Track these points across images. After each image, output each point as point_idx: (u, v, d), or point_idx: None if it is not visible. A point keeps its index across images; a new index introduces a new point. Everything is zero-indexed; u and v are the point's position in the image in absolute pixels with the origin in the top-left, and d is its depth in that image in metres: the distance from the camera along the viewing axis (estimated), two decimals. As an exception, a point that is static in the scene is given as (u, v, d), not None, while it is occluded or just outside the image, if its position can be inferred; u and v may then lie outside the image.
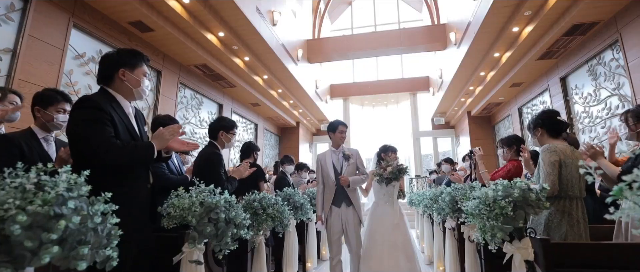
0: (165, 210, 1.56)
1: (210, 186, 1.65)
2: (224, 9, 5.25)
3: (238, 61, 6.59)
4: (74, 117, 1.35)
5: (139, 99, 1.59)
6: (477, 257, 2.13)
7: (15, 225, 0.72)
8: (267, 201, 2.27)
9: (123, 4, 4.32)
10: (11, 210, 0.76)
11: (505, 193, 1.36)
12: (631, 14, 4.33)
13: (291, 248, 3.18)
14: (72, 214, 0.82)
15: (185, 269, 1.52)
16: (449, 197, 2.53)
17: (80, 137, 1.31)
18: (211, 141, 2.34)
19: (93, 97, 1.43)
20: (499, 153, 2.83)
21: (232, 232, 1.51)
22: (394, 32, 9.85)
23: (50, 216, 0.79)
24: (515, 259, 1.35)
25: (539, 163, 1.90)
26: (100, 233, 0.90)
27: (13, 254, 0.75)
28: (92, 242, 0.87)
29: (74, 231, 0.82)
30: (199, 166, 2.21)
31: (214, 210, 1.47)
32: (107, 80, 1.51)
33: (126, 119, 1.49)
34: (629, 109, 1.94)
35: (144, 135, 1.58)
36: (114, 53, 1.56)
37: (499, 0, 5.01)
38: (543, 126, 1.98)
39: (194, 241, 1.46)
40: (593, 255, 1.28)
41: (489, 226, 1.34)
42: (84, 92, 4.28)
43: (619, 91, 4.78)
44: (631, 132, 1.88)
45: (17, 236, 0.73)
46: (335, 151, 3.08)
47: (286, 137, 11.80)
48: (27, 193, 0.82)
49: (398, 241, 3.03)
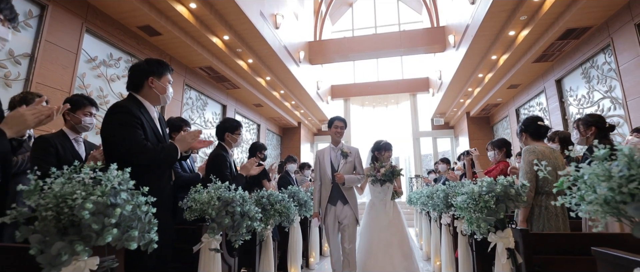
0: (186, 204, 1.74)
1: (226, 182, 1.83)
2: (229, 13, 5.43)
3: (242, 63, 6.76)
4: (110, 121, 1.53)
5: (164, 104, 1.76)
6: (469, 250, 2.31)
7: (85, 211, 0.90)
8: (275, 198, 2.45)
9: (133, 9, 4.50)
10: (78, 199, 0.94)
11: (489, 189, 1.54)
12: (622, 20, 4.50)
13: (296, 243, 3.35)
14: (125, 204, 1.00)
15: (204, 257, 1.69)
16: (443, 194, 2.72)
17: (115, 139, 1.49)
18: (219, 142, 2.52)
19: (124, 103, 1.61)
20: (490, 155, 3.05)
21: (246, 224, 1.69)
22: (394, 34, 10.01)
23: (107, 205, 0.97)
24: (498, 247, 1.53)
25: (521, 162, 2.13)
26: (144, 220, 1.08)
27: (82, 234, 0.92)
28: (139, 228, 1.05)
29: (126, 218, 1.00)
30: (208, 166, 2.39)
31: (230, 204, 1.65)
32: (137, 88, 1.69)
33: (152, 123, 1.66)
34: (580, 118, 2.23)
35: (167, 136, 1.76)
36: (143, 63, 1.73)
37: (495, 5, 5.18)
38: (526, 131, 2.21)
39: (214, 231, 1.63)
40: (564, 243, 1.46)
41: (475, 218, 1.53)
42: (95, 95, 4.47)
43: (611, 94, 4.95)
44: (581, 137, 2.18)
45: (86, 220, 0.90)
46: (334, 148, 3.05)
47: (288, 137, 11.98)
48: (87, 186, 1.00)
49: (394, 240, 3.01)
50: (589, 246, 1.08)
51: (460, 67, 7.50)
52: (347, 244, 2.87)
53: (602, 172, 0.69)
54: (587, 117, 2.17)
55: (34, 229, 0.89)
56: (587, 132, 2.13)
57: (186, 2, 4.85)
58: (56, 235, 0.91)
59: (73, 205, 0.93)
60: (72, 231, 0.94)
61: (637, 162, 0.65)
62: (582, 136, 2.15)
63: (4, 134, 0.96)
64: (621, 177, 0.65)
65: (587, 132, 2.13)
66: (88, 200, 0.93)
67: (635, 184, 0.64)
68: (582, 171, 0.76)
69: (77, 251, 0.89)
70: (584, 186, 0.74)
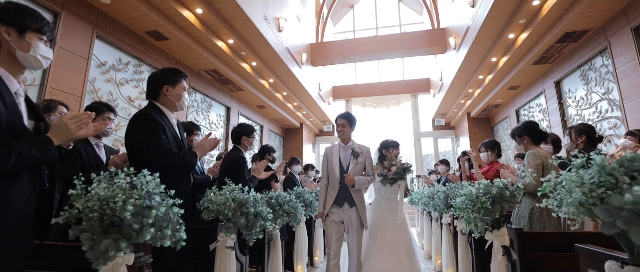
0: (203, 205, 1.86)
1: (239, 184, 1.95)
2: (234, 18, 5.56)
3: (246, 66, 6.89)
4: (135, 128, 1.65)
5: (180, 110, 1.88)
6: (469, 248, 2.43)
7: (127, 212, 1.02)
8: (283, 198, 2.58)
9: (142, 15, 4.62)
10: (119, 202, 1.06)
11: (485, 191, 1.66)
12: (618, 23, 4.60)
13: (302, 242, 3.47)
14: (159, 205, 1.12)
15: (221, 255, 1.82)
16: (443, 195, 2.84)
17: (142, 145, 1.61)
18: (235, 145, 2.65)
19: (147, 111, 1.73)
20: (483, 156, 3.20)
21: (260, 223, 1.81)
22: (395, 36, 10.11)
23: (144, 207, 1.09)
24: (495, 245, 1.64)
25: (524, 164, 2.25)
26: (173, 220, 1.21)
27: (124, 232, 1.05)
28: (170, 227, 1.17)
29: (160, 218, 1.13)
30: (226, 167, 2.51)
31: (245, 205, 1.77)
32: (155, 96, 1.81)
33: (172, 129, 1.79)
34: (573, 126, 2.43)
35: (185, 141, 1.88)
36: (158, 72, 1.86)
37: (495, 8, 5.29)
38: (529, 135, 2.32)
39: (230, 230, 1.76)
40: (554, 241, 1.57)
41: (472, 218, 1.64)
42: (105, 99, 4.60)
43: (609, 96, 5.05)
44: (572, 143, 2.38)
45: (128, 220, 1.03)
46: (344, 146, 2.84)
47: (290, 138, 12.11)
48: (125, 190, 1.12)
49: (400, 240, 2.94)
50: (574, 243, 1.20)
51: (460, 68, 7.61)
52: (353, 251, 2.68)
53: (577, 179, 0.81)
54: (580, 126, 2.36)
55: (83, 229, 1.01)
56: (577, 139, 2.32)
57: (193, 8, 4.98)
58: (101, 234, 1.04)
59: (115, 207, 1.06)
60: (114, 230, 1.06)
61: (607, 171, 0.77)
62: (573, 142, 2.33)
63: (51, 142, 1.08)
64: (592, 183, 0.77)
65: (578, 139, 2.32)
66: (128, 202, 1.05)
67: (603, 189, 0.75)
68: (561, 178, 0.87)
69: (121, 248, 1.02)
70: (563, 190, 0.86)
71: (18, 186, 1.02)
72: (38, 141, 1.06)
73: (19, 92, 1.14)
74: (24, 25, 1.13)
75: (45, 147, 1.06)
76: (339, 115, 2.89)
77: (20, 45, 1.11)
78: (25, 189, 1.05)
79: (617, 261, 0.79)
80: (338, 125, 2.85)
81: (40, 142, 1.06)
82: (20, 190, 1.03)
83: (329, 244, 2.69)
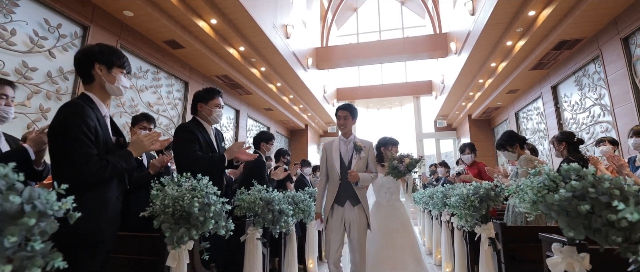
0: (235, 203, 2.18)
1: (264, 185, 2.27)
2: (245, 26, 5.89)
3: (255, 71, 7.22)
4: (176, 138, 1.99)
5: (214, 123, 2.21)
6: (464, 242, 2.73)
7: (195, 207, 1.35)
8: (298, 198, 2.89)
9: (161, 26, 4.96)
10: (187, 200, 1.39)
11: (474, 191, 1.98)
12: (609, 34, 4.88)
13: (313, 238, 3.79)
14: (216, 202, 1.45)
15: (250, 246, 2.14)
16: (441, 195, 3.16)
17: (178, 152, 1.95)
18: (255, 150, 2.98)
19: (187, 124, 2.07)
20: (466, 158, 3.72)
21: (284, 219, 2.13)
22: (398, 41, 10.40)
23: (205, 204, 1.42)
24: (483, 237, 1.95)
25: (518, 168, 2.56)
26: (224, 214, 1.53)
27: (191, 223, 1.37)
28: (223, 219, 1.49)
29: (217, 213, 1.45)
30: (249, 170, 2.84)
31: (271, 203, 2.09)
32: (194, 111, 2.15)
33: (208, 138, 2.12)
34: (554, 136, 2.72)
35: (221, 149, 2.21)
36: (197, 91, 2.19)
37: (493, 18, 5.57)
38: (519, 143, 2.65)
39: (260, 224, 2.08)
40: (531, 234, 1.88)
41: (464, 214, 1.95)
42: (127, 105, 4.94)
43: (601, 101, 5.32)
44: (557, 151, 2.67)
45: (196, 213, 1.35)
46: (345, 141, 2.63)
47: (295, 139, 12.44)
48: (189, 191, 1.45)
49: (405, 243, 2.77)
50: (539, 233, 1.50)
51: (461, 72, 7.89)
52: (358, 255, 2.36)
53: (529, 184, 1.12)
54: (559, 135, 2.68)
55: (163, 220, 1.33)
56: (560, 147, 2.61)
57: (208, 18, 5.31)
58: (175, 224, 1.36)
59: (183, 204, 1.38)
60: (183, 222, 1.38)
61: (550, 177, 1.07)
62: (557, 150, 2.63)
63: (132, 155, 1.40)
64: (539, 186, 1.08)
65: (560, 146, 2.61)
66: (194, 201, 1.37)
67: (545, 191, 1.05)
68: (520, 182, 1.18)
69: (192, 236, 1.34)
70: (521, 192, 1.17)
71: (111, 188, 1.35)
72: (123, 155, 1.38)
73: (107, 114, 1.46)
74: (111, 62, 1.46)
75: (129, 159, 1.38)
76: (340, 106, 2.65)
77: (109, 78, 1.44)
78: (115, 191, 1.37)
79: (559, 243, 1.10)
80: (339, 117, 2.61)
81: (124, 155, 1.38)
82: (113, 191, 1.35)
83: (328, 253, 2.40)
